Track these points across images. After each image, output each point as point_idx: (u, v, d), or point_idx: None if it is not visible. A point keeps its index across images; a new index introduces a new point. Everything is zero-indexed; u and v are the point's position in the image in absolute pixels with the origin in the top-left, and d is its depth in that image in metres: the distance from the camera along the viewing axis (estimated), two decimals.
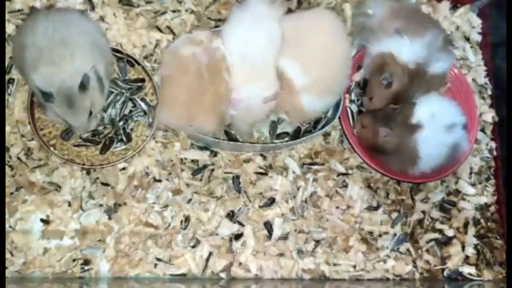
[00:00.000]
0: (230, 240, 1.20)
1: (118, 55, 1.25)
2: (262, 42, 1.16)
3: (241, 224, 1.22)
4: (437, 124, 1.19)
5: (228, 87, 1.14)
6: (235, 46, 1.16)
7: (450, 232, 1.27)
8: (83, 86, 1.05)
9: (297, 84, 1.15)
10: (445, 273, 1.25)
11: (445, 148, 1.20)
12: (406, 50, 1.20)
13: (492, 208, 1.32)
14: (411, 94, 1.21)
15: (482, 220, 1.30)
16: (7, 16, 1.27)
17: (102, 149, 1.21)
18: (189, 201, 1.22)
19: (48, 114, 1.14)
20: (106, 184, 1.21)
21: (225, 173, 1.24)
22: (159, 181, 1.22)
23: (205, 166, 1.25)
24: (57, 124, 1.20)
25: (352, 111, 1.31)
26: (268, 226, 1.22)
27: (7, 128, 1.21)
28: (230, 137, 1.26)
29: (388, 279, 1.23)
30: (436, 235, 1.27)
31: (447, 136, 1.19)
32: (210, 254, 1.19)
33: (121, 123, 1.23)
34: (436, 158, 1.21)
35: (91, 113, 1.11)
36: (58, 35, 1.06)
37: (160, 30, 1.32)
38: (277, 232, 1.21)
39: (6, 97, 1.23)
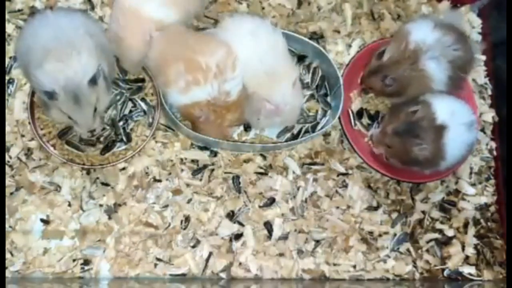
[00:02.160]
0: (230, 240, 1.20)
1: None
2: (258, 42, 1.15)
3: (241, 224, 1.22)
4: (458, 123, 1.15)
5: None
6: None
7: (450, 232, 1.27)
8: (94, 80, 1.04)
9: None
10: (445, 273, 1.25)
11: (467, 147, 1.18)
12: (422, 30, 1.17)
13: (492, 208, 1.32)
14: (389, 72, 1.17)
15: (482, 220, 1.30)
16: (7, 16, 1.27)
17: (103, 149, 1.21)
18: (189, 201, 1.22)
19: (51, 113, 1.11)
20: (106, 184, 1.21)
21: (225, 173, 1.24)
22: (159, 181, 1.22)
23: (205, 166, 1.25)
24: (57, 124, 1.20)
25: (352, 111, 1.31)
26: (268, 226, 1.22)
27: (7, 128, 1.21)
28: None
29: (388, 279, 1.23)
30: (436, 235, 1.27)
31: (469, 135, 1.17)
32: (210, 254, 1.19)
33: (121, 123, 1.23)
34: (458, 158, 1.19)
35: (95, 109, 1.10)
36: (66, 38, 1.05)
37: None
38: (277, 232, 1.21)
39: (6, 97, 1.23)
